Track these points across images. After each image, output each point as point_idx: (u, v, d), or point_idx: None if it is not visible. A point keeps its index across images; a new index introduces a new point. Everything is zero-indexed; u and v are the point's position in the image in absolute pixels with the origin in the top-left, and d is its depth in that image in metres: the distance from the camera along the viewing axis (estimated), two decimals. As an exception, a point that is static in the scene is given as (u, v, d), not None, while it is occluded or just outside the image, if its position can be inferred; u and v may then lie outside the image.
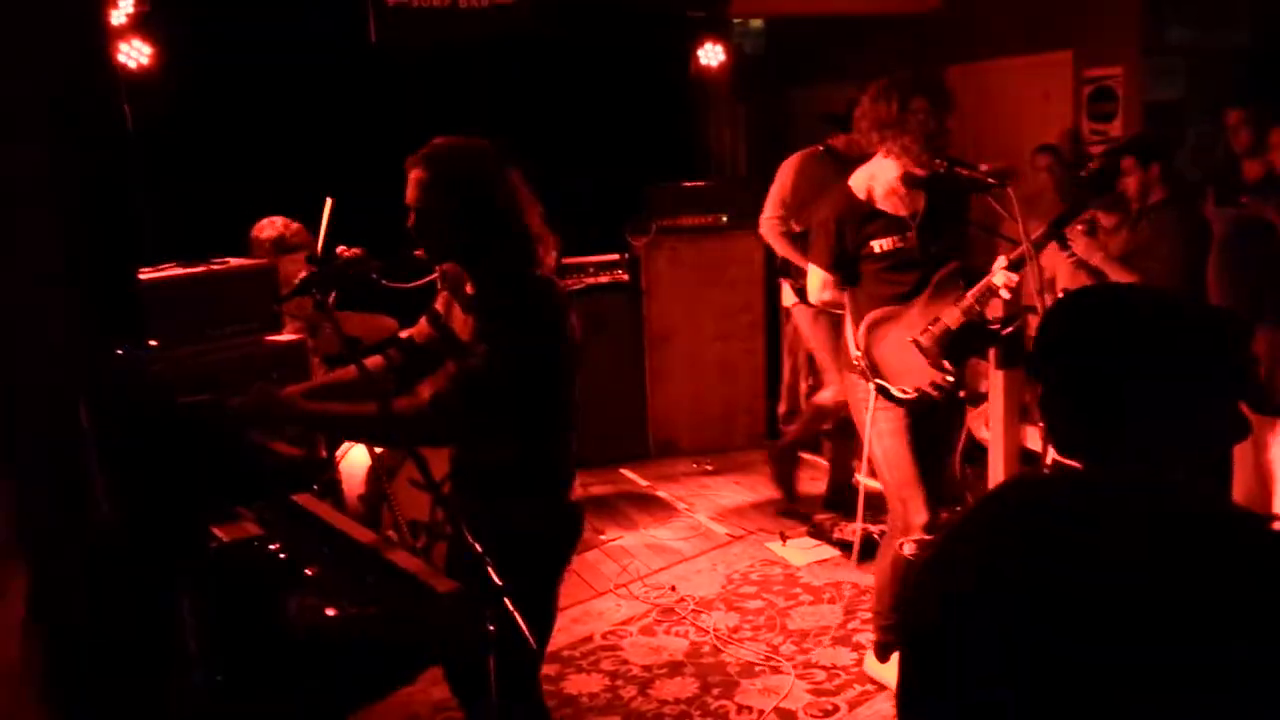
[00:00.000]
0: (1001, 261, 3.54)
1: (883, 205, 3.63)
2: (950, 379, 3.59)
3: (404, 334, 3.02)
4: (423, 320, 2.91)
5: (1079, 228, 4.52)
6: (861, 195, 3.64)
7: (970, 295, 3.56)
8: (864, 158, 4.72)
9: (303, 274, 2.80)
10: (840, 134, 5.26)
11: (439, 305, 2.87)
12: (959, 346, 3.60)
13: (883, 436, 3.67)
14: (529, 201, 2.67)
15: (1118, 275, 4.48)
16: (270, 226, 4.74)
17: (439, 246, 2.66)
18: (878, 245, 3.61)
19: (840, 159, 5.23)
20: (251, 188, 5.43)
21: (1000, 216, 4.36)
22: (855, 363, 3.66)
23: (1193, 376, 1.51)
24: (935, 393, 3.59)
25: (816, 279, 3.74)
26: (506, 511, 2.66)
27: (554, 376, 2.67)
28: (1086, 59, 6.99)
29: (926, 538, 3.68)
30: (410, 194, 2.61)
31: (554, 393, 2.69)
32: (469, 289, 2.73)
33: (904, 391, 3.60)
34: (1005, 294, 3.55)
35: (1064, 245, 4.36)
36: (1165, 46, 6.76)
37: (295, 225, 4.74)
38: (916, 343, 3.59)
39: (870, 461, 3.76)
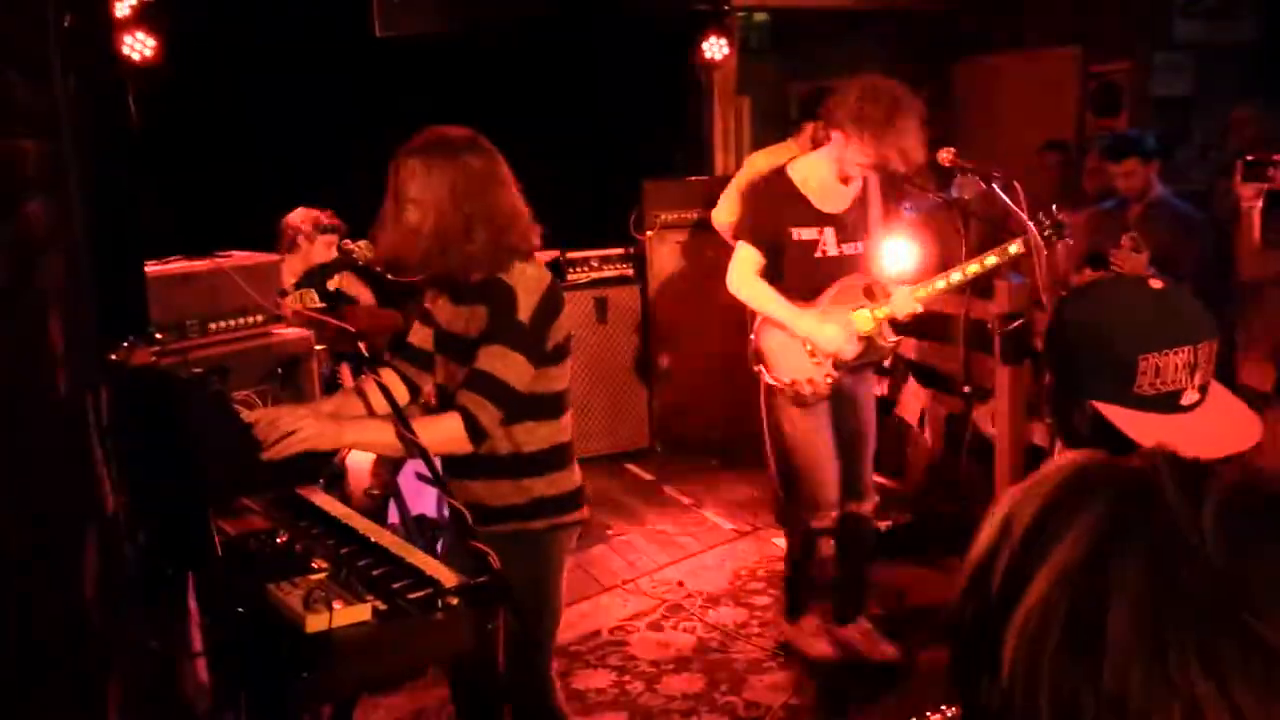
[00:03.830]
0: (906, 290, 3.71)
1: (811, 197, 3.75)
2: (829, 381, 3.75)
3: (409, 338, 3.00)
4: (416, 325, 2.93)
5: (1127, 244, 4.52)
6: (796, 182, 3.76)
7: (873, 305, 3.72)
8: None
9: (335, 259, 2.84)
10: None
11: (427, 302, 2.89)
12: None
13: (793, 421, 3.84)
14: (514, 187, 2.69)
15: None
16: (304, 211, 4.81)
17: (428, 238, 2.64)
18: (796, 233, 3.72)
19: None
20: (256, 180, 5.43)
21: (1007, 211, 4.36)
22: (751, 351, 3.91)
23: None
24: (805, 390, 3.76)
25: (745, 263, 3.76)
26: (509, 500, 2.69)
27: (558, 366, 2.71)
28: (1093, 54, 6.96)
29: (834, 514, 3.89)
30: (397, 188, 2.62)
31: (558, 382, 2.73)
32: (459, 278, 2.72)
33: (777, 380, 3.82)
34: (903, 318, 3.76)
35: (1102, 265, 4.38)
36: (1173, 42, 6.73)
37: (328, 211, 4.80)
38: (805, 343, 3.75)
39: (769, 447, 3.99)
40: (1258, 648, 0.55)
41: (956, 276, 3.71)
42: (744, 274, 3.75)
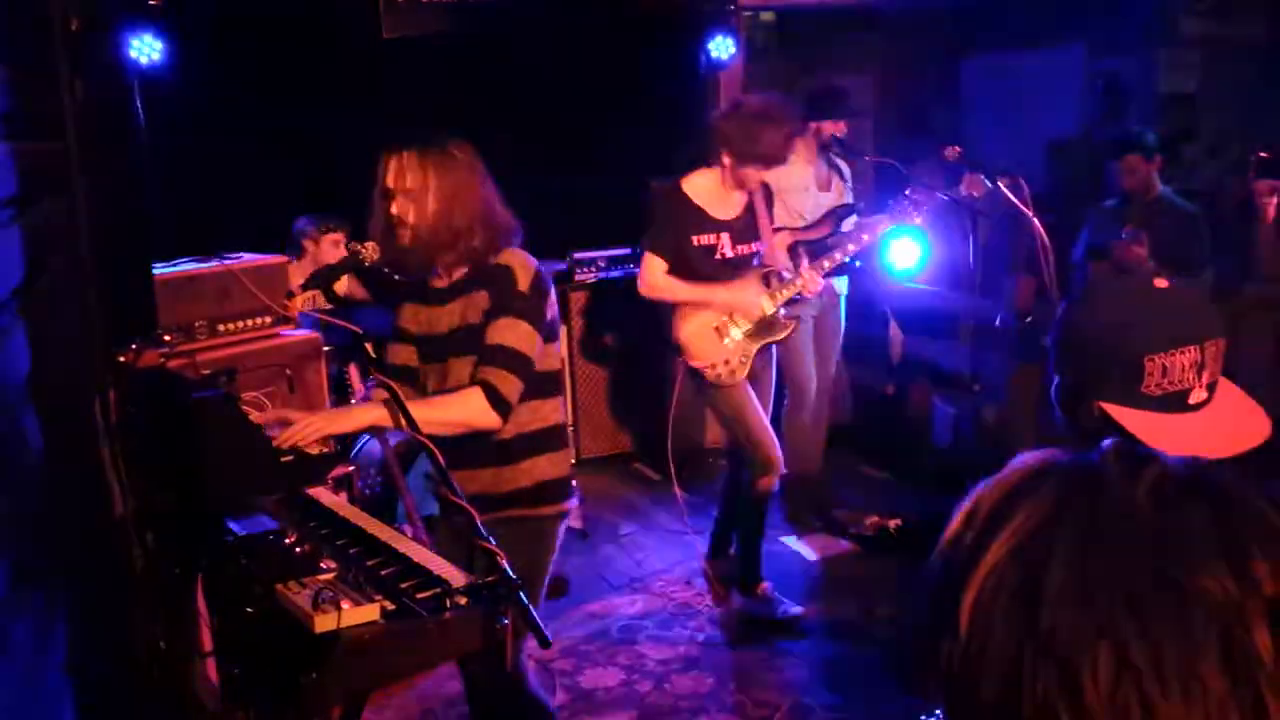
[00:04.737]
0: (805, 263, 4.18)
1: (706, 208, 4.16)
2: (744, 361, 4.16)
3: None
4: (393, 347, 2.95)
5: (1127, 237, 4.52)
6: (691, 195, 4.18)
7: (771, 291, 4.17)
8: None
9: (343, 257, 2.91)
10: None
11: (402, 321, 2.94)
12: (755, 335, 4.20)
13: (725, 401, 4.26)
14: (492, 186, 2.81)
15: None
16: (308, 219, 4.94)
17: (420, 229, 2.72)
18: (696, 239, 4.15)
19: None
20: (264, 183, 5.44)
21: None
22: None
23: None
24: (723, 372, 4.16)
25: (654, 269, 4.16)
26: (517, 484, 2.80)
27: (554, 343, 2.84)
28: (1099, 51, 6.94)
29: (784, 471, 4.37)
30: (390, 182, 2.71)
31: (554, 360, 2.86)
32: (437, 280, 2.83)
33: (699, 366, 4.19)
34: (810, 296, 4.29)
35: (1104, 257, 4.40)
36: (1179, 38, 6.70)
37: (332, 213, 4.92)
38: (717, 329, 4.17)
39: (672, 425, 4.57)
40: (1175, 593, 0.64)
41: (838, 255, 4.21)
42: (654, 276, 4.17)
